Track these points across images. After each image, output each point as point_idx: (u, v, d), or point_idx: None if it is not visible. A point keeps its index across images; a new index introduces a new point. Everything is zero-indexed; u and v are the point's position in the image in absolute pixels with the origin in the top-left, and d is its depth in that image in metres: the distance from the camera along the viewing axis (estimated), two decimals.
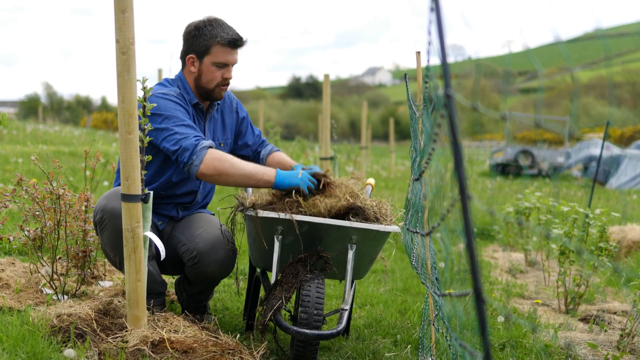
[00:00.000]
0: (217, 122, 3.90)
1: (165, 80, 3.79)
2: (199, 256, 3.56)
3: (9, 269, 4.34)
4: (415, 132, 3.33)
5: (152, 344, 2.96)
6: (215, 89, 3.72)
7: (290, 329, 3.06)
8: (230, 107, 3.98)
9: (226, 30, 3.65)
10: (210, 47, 3.63)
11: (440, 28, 1.62)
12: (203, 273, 3.60)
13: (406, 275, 5.98)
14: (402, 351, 3.76)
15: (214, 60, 3.65)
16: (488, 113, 1.76)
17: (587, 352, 3.90)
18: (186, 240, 3.64)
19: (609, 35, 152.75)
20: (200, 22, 3.68)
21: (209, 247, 3.57)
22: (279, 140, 12.68)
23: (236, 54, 3.71)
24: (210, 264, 3.57)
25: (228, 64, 3.68)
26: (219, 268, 3.61)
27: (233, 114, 3.98)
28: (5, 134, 19.61)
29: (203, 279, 3.65)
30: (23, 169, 10.73)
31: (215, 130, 3.88)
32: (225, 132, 3.94)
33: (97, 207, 3.51)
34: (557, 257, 4.93)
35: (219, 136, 3.90)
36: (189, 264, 3.60)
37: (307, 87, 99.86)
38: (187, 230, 3.70)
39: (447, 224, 1.93)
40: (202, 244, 3.57)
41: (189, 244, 3.61)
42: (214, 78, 3.68)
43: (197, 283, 3.72)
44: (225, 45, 3.64)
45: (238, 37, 3.66)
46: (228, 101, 3.98)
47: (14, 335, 3.04)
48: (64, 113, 68.31)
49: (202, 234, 3.61)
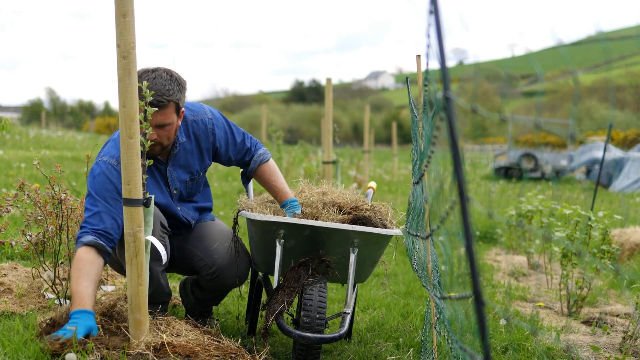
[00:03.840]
0: (192, 154, 3.72)
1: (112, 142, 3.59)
2: (219, 271, 3.66)
3: (11, 273, 4.35)
4: (416, 135, 3.34)
5: (154, 348, 2.96)
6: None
7: (292, 332, 3.06)
8: (205, 132, 3.74)
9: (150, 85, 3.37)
10: None
11: (439, 31, 1.62)
12: (222, 285, 3.73)
13: (408, 279, 5.97)
14: (405, 354, 3.75)
15: None
16: (488, 115, 1.76)
17: (589, 354, 3.89)
18: (202, 254, 3.68)
19: (612, 38, 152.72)
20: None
21: (227, 262, 3.66)
22: (281, 144, 12.69)
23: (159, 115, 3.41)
24: (229, 277, 3.69)
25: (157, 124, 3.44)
26: (239, 279, 3.75)
27: (210, 137, 3.75)
28: (8, 139, 19.65)
29: (220, 289, 3.79)
30: (26, 173, 10.75)
31: (190, 165, 3.71)
32: (203, 161, 3.76)
33: None
34: (559, 259, 4.92)
35: (197, 168, 3.74)
36: (207, 277, 3.69)
37: (310, 91, 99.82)
38: (200, 243, 3.72)
39: (448, 227, 1.93)
40: (221, 259, 3.65)
41: (207, 259, 3.67)
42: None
43: (212, 292, 3.82)
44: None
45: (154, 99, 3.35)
46: (202, 127, 3.73)
47: (15, 340, 3.04)
48: (67, 118, 68.45)
49: (218, 248, 3.67)
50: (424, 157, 2.70)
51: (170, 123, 3.45)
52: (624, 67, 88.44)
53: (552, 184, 20.93)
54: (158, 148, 3.50)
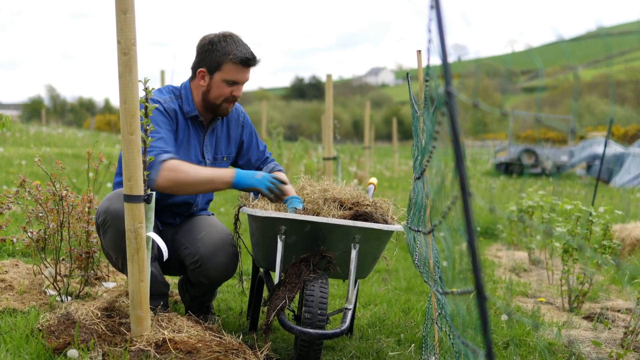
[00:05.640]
0: (222, 135, 3.89)
1: (167, 87, 3.78)
2: (201, 260, 3.58)
3: (13, 270, 4.35)
4: (417, 131, 3.34)
5: (155, 344, 2.96)
6: (222, 104, 3.70)
7: (294, 328, 3.06)
8: (236, 120, 3.96)
9: (240, 48, 3.62)
10: (222, 63, 3.61)
11: (441, 26, 1.62)
12: (205, 276, 3.62)
13: (409, 275, 5.98)
14: (406, 350, 3.76)
15: (224, 77, 3.63)
16: (489, 110, 1.76)
17: (590, 350, 3.89)
18: (188, 243, 3.65)
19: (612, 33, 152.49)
20: (215, 37, 3.65)
21: (210, 251, 3.59)
22: (282, 141, 12.67)
23: (248, 73, 3.68)
24: (211, 267, 3.59)
25: (238, 82, 3.66)
26: (221, 272, 3.62)
27: (239, 128, 3.97)
28: (8, 136, 19.64)
29: (205, 282, 3.66)
30: (26, 171, 10.75)
31: (218, 144, 3.87)
32: (229, 146, 3.93)
33: (99, 209, 3.50)
34: (560, 255, 4.92)
35: (222, 150, 3.89)
36: (190, 267, 3.62)
37: (310, 88, 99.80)
38: (189, 234, 3.72)
39: (450, 223, 1.93)
40: (204, 248, 3.59)
41: (191, 247, 3.62)
42: (222, 94, 3.67)
43: (199, 286, 3.73)
44: (237, 63, 3.61)
45: (251, 56, 3.64)
46: (235, 114, 3.95)
47: (17, 336, 3.05)
48: (67, 115, 68.44)
49: (203, 237, 3.63)
50: (425, 152, 2.70)
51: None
52: (625, 63, 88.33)
53: (552, 179, 20.94)
54: (232, 107, 3.76)
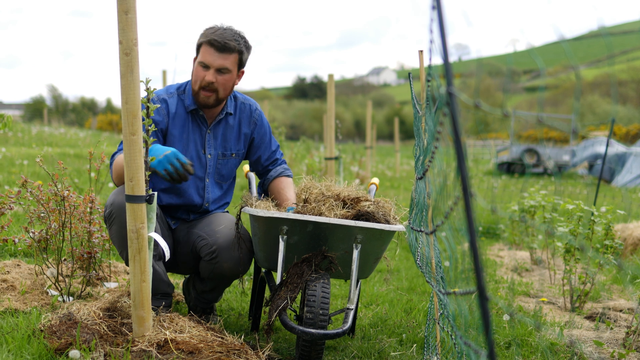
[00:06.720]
0: (232, 131, 3.89)
1: (177, 84, 3.85)
2: (218, 251, 3.58)
3: (15, 270, 4.35)
4: (419, 131, 3.33)
5: (157, 344, 2.96)
6: (200, 92, 3.69)
7: (296, 328, 3.06)
8: (249, 117, 3.95)
9: (219, 32, 3.65)
10: (200, 45, 3.68)
11: (442, 26, 1.61)
12: (219, 269, 3.61)
13: (411, 275, 5.97)
14: (408, 350, 3.75)
15: (200, 59, 3.67)
16: (490, 110, 1.76)
17: (592, 350, 3.89)
18: (206, 235, 3.65)
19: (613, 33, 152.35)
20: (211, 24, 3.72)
21: (228, 243, 3.59)
22: (284, 140, 12.68)
23: (222, 59, 3.64)
24: (227, 259, 3.59)
25: (209, 66, 3.64)
26: (235, 265, 3.61)
27: (251, 125, 3.96)
28: (10, 136, 19.66)
29: (217, 275, 3.65)
30: (28, 171, 10.76)
31: (227, 140, 3.87)
32: (239, 143, 3.93)
33: (107, 203, 3.56)
34: (562, 255, 4.92)
35: (231, 146, 3.89)
36: (206, 258, 3.61)
37: (312, 88, 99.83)
38: (207, 226, 3.72)
39: (452, 223, 1.93)
40: (223, 239, 3.60)
41: (209, 238, 3.63)
42: (197, 78, 3.68)
43: (210, 280, 3.71)
44: (209, 45, 3.63)
45: (221, 40, 3.62)
46: (247, 111, 3.95)
47: (19, 337, 3.05)
48: (69, 115, 68.46)
49: (223, 230, 3.64)
50: (427, 152, 2.70)
51: (229, 71, 3.67)
52: (626, 62, 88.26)
53: (554, 179, 20.92)
54: (213, 98, 3.70)
